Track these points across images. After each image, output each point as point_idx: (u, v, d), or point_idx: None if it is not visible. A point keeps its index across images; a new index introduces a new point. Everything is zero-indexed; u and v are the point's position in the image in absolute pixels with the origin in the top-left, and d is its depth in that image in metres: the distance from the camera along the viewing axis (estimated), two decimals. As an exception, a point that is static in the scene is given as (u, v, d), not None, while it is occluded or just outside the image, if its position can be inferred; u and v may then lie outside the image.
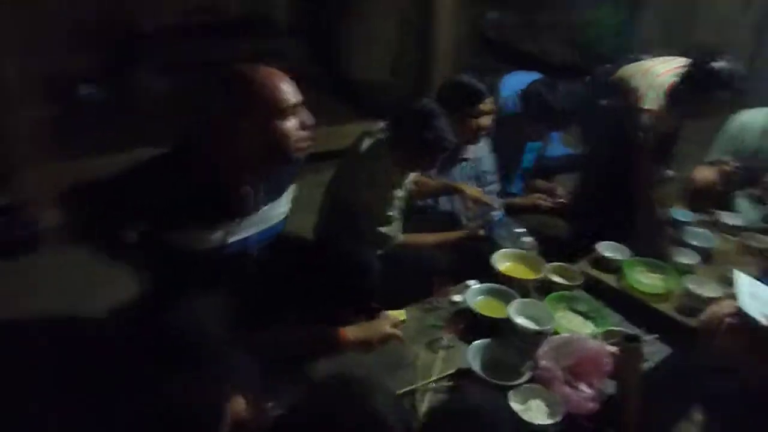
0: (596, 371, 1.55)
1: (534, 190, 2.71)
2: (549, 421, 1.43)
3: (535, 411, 1.46)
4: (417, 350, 1.68)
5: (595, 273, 2.08)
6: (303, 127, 1.49)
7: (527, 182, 2.73)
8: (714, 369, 1.61)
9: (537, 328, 1.62)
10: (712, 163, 2.68)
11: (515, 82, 2.66)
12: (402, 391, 1.51)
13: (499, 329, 1.72)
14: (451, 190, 2.25)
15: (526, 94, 2.47)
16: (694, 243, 2.28)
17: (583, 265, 2.13)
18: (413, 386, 1.54)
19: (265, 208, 1.60)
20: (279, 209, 1.67)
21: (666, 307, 1.98)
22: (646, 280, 2.05)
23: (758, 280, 1.72)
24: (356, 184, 1.95)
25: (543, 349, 1.60)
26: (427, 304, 1.88)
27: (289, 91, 1.45)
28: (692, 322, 1.87)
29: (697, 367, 1.67)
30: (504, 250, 2.04)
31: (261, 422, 1.08)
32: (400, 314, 1.81)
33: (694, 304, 1.94)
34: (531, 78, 2.61)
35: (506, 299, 1.82)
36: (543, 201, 2.57)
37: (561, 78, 2.57)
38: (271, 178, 1.59)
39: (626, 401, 1.50)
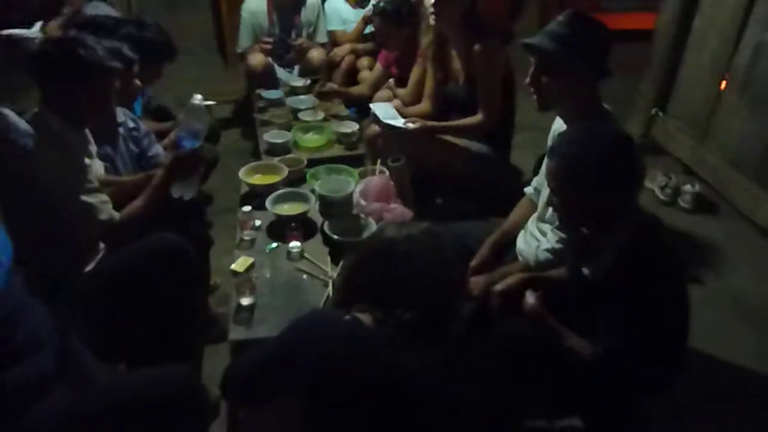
0: (388, 193, 2.15)
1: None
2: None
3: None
4: (295, 266, 1.88)
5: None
6: None
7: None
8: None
9: (347, 191, 2.04)
10: (251, 48, 3.30)
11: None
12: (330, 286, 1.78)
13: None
14: None
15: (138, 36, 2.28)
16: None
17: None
18: (331, 277, 1.81)
19: None
20: None
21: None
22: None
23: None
24: (47, 173, 1.52)
25: (358, 201, 2.07)
26: (244, 243, 1.99)
27: None
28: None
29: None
30: (245, 167, 2.23)
31: None
32: (246, 261, 1.88)
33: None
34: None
35: (298, 197, 2.11)
36: None
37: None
38: None
39: (406, 197, 2.18)
